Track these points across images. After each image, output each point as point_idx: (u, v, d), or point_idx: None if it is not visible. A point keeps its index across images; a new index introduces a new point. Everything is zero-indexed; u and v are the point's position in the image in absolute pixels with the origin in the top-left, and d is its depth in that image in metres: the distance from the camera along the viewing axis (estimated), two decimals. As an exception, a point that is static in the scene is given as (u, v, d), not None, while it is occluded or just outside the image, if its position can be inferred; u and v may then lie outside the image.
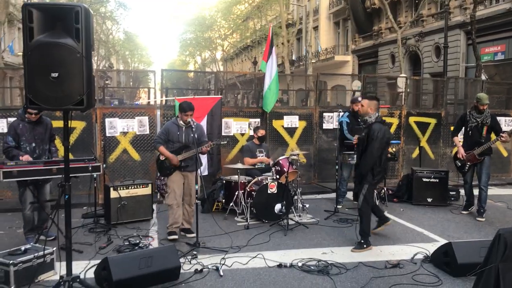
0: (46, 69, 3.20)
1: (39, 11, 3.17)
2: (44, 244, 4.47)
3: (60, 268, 4.13)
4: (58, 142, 6.36)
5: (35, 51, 3.18)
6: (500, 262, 2.91)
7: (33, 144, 5.65)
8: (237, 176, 7.21)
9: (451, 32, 20.42)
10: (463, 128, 7.56)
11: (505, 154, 11.62)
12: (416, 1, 24.46)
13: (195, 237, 5.78)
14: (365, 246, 5.68)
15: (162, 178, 6.44)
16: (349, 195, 8.63)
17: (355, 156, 7.53)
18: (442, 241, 5.98)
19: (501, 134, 7.02)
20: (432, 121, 10.92)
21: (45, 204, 5.77)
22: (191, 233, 6.06)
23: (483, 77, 15.19)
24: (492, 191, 9.60)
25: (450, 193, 8.50)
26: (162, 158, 6.12)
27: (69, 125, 3.53)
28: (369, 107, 5.79)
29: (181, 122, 6.04)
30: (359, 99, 8.45)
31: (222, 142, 6.76)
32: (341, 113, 8.17)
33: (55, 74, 3.20)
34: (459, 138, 7.70)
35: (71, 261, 3.69)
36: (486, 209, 7.43)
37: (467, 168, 7.45)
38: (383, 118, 6.02)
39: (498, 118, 10.79)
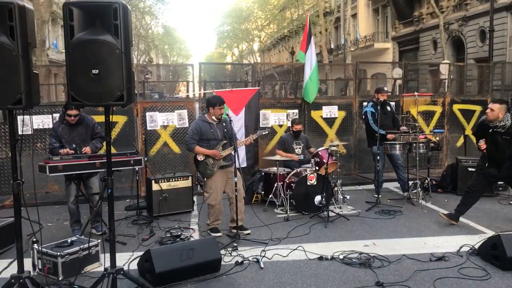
0: (87, 66, 3.26)
1: (78, 9, 3.23)
2: (89, 236, 4.59)
3: (105, 260, 4.25)
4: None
5: (76, 48, 3.25)
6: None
7: (73, 145, 5.75)
8: (276, 168, 7.18)
9: (497, 15, 19.54)
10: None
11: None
12: (459, -16, 23.55)
13: (249, 233, 5.86)
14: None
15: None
16: (391, 186, 8.47)
17: (397, 146, 7.38)
18: (490, 233, 5.78)
19: None
20: (478, 108, 10.52)
21: (93, 197, 5.92)
22: (247, 230, 5.96)
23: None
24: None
25: (498, 183, 8.15)
26: (200, 158, 5.84)
27: (110, 120, 3.56)
28: (500, 111, 5.68)
29: (213, 117, 5.85)
30: (385, 88, 8.26)
31: (264, 133, 6.60)
32: (366, 103, 7.96)
33: (95, 71, 3.25)
34: None
35: (114, 253, 3.77)
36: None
37: None
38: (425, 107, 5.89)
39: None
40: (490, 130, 5.83)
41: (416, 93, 7.99)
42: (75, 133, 5.80)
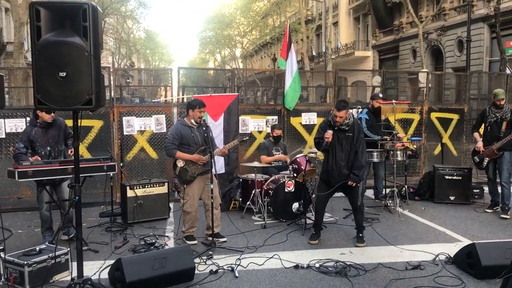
0: (54, 68, 3.15)
1: (46, 10, 3.12)
2: (56, 244, 4.44)
3: (74, 268, 4.11)
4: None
5: (43, 50, 3.14)
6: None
7: (48, 148, 5.61)
8: (254, 175, 7.11)
9: (474, 25, 19.92)
10: (483, 124, 7.43)
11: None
12: (438, -6, 23.95)
13: (225, 241, 5.78)
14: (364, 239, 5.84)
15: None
16: (369, 193, 8.46)
17: (375, 153, 7.39)
18: (466, 241, 5.80)
19: None
20: (455, 116, 10.63)
21: (65, 203, 5.75)
22: (223, 237, 5.85)
23: (508, 71, 14.73)
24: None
25: (474, 190, 8.23)
26: (181, 164, 5.70)
27: (79, 125, 3.44)
28: (346, 114, 5.65)
29: (192, 121, 5.74)
30: (380, 95, 8.28)
31: (244, 139, 6.53)
32: (360, 110, 7.99)
33: (63, 74, 3.14)
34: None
35: (82, 262, 3.64)
36: (511, 207, 7.20)
37: (485, 163, 7.32)
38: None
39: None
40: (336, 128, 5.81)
41: (394, 101, 8.01)
42: (49, 136, 5.65)
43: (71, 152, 5.61)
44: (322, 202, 6.05)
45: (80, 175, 5.18)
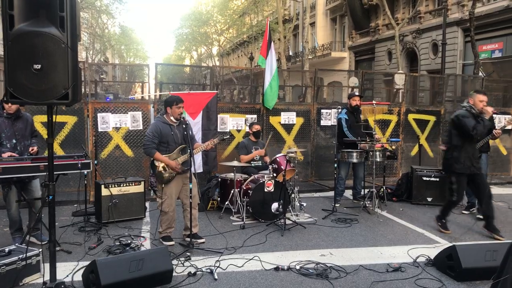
0: (28, 60, 2.96)
1: (20, -3, 2.93)
2: (27, 244, 4.23)
3: (46, 270, 3.92)
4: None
5: (16, 40, 2.94)
6: (517, 272, 2.71)
7: (14, 141, 5.37)
8: (233, 174, 6.99)
9: (449, 29, 20.25)
10: None
11: (504, 152, 11.46)
12: (414, -2, 24.27)
13: (203, 242, 5.65)
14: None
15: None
16: (347, 193, 8.46)
17: (354, 154, 7.38)
18: (444, 243, 5.83)
19: (494, 130, 6.95)
20: (432, 118, 10.75)
21: (35, 202, 5.51)
22: (201, 238, 5.70)
23: (481, 74, 15.01)
24: (492, 190, 9.38)
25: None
26: (159, 164, 5.54)
27: (54, 120, 3.26)
28: None
29: (172, 118, 5.57)
30: (356, 93, 8.28)
31: (225, 137, 6.34)
32: (340, 110, 7.96)
33: (37, 66, 2.96)
34: None
35: (55, 265, 3.46)
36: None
37: None
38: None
39: (497, 116, 10.74)
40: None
41: (374, 102, 8.02)
42: (15, 128, 5.40)
43: (32, 150, 5.37)
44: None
45: (54, 173, 5.02)
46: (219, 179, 7.42)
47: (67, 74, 3.03)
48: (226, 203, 7.06)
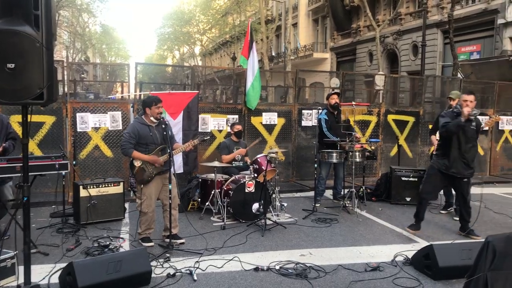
0: (2, 59, 2.90)
1: (-7, -5, 2.88)
2: (1, 246, 4.15)
3: (21, 273, 3.85)
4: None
5: (-11, 39, 2.89)
6: (489, 271, 2.76)
7: None
8: (213, 174, 6.98)
9: (429, 31, 20.55)
10: None
11: (481, 153, 11.66)
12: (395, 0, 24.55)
13: (183, 243, 5.62)
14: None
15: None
16: (327, 193, 8.51)
17: (334, 154, 7.43)
18: (422, 242, 5.90)
19: None
20: (411, 119, 10.89)
21: (8, 204, 5.41)
22: (181, 239, 5.67)
23: (460, 76, 15.25)
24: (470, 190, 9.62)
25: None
26: (138, 164, 5.47)
27: (29, 120, 3.21)
28: (475, 101, 5.94)
29: (151, 118, 5.50)
30: (332, 91, 8.34)
31: (205, 138, 6.32)
32: (320, 110, 8.01)
33: (11, 65, 2.90)
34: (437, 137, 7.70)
35: (29, 268, 3.40)
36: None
37: None
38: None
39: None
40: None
41: (353, 103, 8.08)
42: None
43: (1, 148, 5.26)
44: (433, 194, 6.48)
45: (30, 174, 4.93)
46: (200, 180, 7.40)
47: (42, 73, 2.99)
48: (207, 203, 7.04)
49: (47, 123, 8.03)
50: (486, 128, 11.29)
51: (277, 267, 4.89)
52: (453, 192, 7.46)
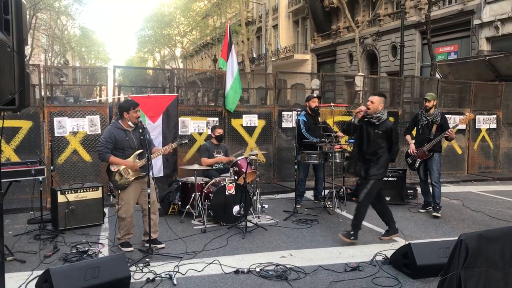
0: (-29, 64, 2.85)
1: (-39, 0, 2.82)
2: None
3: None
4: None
5: (-42, 44, 2.83)
6: (462, 269, 2.81)
7: None
8: (194, 178, 6.95)
9: (407, 31, 20.83)
10: (416, 127, 7.74)
11: (459, 152, 11.86)
12: (373, 1, 24.81)
13: (163, 247, 5.58)
14: (352, 238, 5.77)
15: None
16: (308, 194, 8.55)
17: (314, 155, 7.47)
18: (401, 241, 5.97)
19: (447, 130, 7.30)
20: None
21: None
22: (161, 244, 5.62)
23: (438, 76, 15.50)
24: (447, 188, 9.81)
25: (408, 191, 8.53)
26: (114, 169, 5.42)
27: (1, 126, 3.15)
28: (379, 104, 5.83)
29: (129, 123, 5.45)
30: (314, 94, 8.39)
31: (184, 141, 6.21)
32: (299, 112, 8.04)
33: (-19, 71, 2.85)
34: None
35: (3, 277, 3.31)
36: (442, 206, 7.52)
37: (417, 164, 7.63)
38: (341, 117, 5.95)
39: (452, 116, 11.12)
40: (365, 120, 5.95)
41: (332, 104, 8.14)
42: None
43: None
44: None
45: (5, 180, 4.86)
46: (180, 183, 7.36)
47: (13, 78, 2.93)
48: (187, 207, 7.01)
49: (23, 128, 7.90)
50: (463, 126, 11.51)
51: (258, 269, 4.89)
52: (431, 190, 7.58)
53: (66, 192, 6.34)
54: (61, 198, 6.29)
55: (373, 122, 5.85)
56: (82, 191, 6.49)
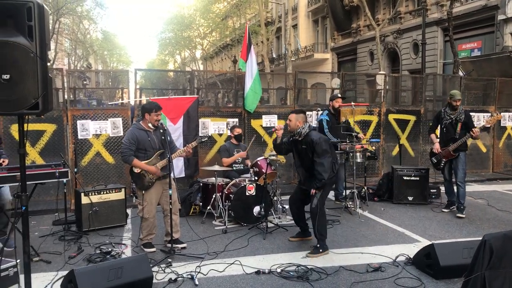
0: (-3, 70, 2.93)
1: (-14, 7, 2.90)
2: (1, 256, 4.17)
3: (23, 282, 3.86)
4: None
5: (-16, 51, 2.91)
6: (486, 269, 2.76)
7: None
8: (214, 178, 6.99)
9: (429, 29, 20.51)
10: (439, 125, 7.59)
11: (484, 150, 11.63)
12: (394, -2, 24.53)
13: (185, 247, 5.63)
14: (321, 250, 5.45)
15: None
16: (330, 194, 8.48)
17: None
18: (424, 241, 5.89)
19: (471, 129, 7.10)
20: (412, 118, 10.86)
21: (8, 213, 5.45)
22: (182, 244, 5.67)
23: (461, 73, 15.21)
24: (472, 187, 9.63)
25: (431, 191, 8.42)
26: (137, 170, 5.52)
27: (25, 130, 3.23)
28: (297, 121, 5.60)
29: (149, 124, 5.54)
30: (338, 95, 8.33)
31: (203, 140, 6.33)
32: (320, 112, 8.00)
33: (6, 76, 2.92)
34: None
35: (29, 278, 3.39)
36: (466, 206, 7.39)
37: (442, 164, 7.47)
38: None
39: (476, 114, 10.91)
40: (291, 139, 5.79)
41: (352, 103, 8.08)
42: None
43: (4, 162, 5.30)
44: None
45: (30, 183, 4.97)
46: (201, 184, 7.40)
47: (36, 83, 3.00)
48: (208, 207, 7.05)
49: (48, 131, 8.07)
50: (488, 125, 11.29)
51: (279, 270, 4.89)
52: (455, 189, 7.46)
53: (90, 194, 6.45)
54: (84, 200, 6.40)
55: (296, 139, 5.68)
56: (105, 192, 6.59)
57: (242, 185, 6.79)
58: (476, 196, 8.78)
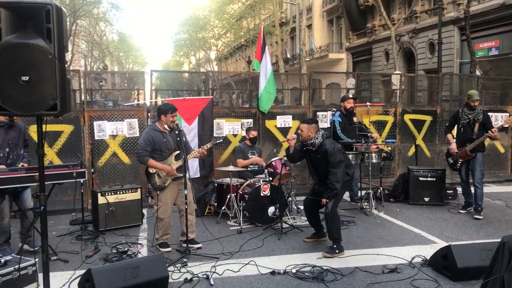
0: (16, 72, 2.98)
1: (7, 10, 2.94)
2: (20, 254, 4.24)
3: (41, 280, 3.93)
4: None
5: (4, 52, 2.95)
6: (505, 271, 2.72)
7: (7, 149, 5.39)
8: (229, 179, 7.01)
9: (445, 28, 20.27)
10: (456, 125, 7.50)
11: (502, 150, 11.46)
12: (410, -2, 24.32)
13: (200, 247, 5.67)
14: (337, 251, 5.42)
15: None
16: (345, 195, 8.44)
17: (350, 156, 7.38)
18: (441, 243, 5.83)
19: (489, 130, 6.98)
20: (428, 118, 10.75)
21: (28, 212, 5.53)
22: (198, 244, 5.71)
23: (478, 73, 15.01)
24: (490, 188, 9.50)
25: (447, 191, 8.31)
26: (153, 170, 5.55)
27: (44, 131, 3.28)
28: (309, 131, 5.55)
29: (165, 126, 5.57)
30: (350, 95, 8.29)
31: (218, 141, 6.35)
32: (333, 112, 7.98)
33: (25, 78, 2.98)
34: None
35: (48, 276, 3.44)
36: (484, 207, 7.29)
37: (459, 164, 7.38)
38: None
39: (494, 114, 10.76)
40: (304, 149, 5.76)
41: (368, 103, 8.03)
42: (9, 136, 5.42)
43: (22, 166, 5.38)
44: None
45: (48, 183, 5.04)
46: (216, 184, 7.43)
47: (55, 85, 3.05)
48: (223, 208, 7.07)
49: (65, 132, 8.18)
50: (507, 125, 11.11)
51: (294, 271, 4.88)
52: (472, 190, 7.37)
53: (106, 194, 6.52)
54: (101, 200, 6.48)
55: (310, 149, 5.65)
56: (121, 192, 6.66)
57: (257, 185, 6.80)
58: (494, 197, 8.66)
